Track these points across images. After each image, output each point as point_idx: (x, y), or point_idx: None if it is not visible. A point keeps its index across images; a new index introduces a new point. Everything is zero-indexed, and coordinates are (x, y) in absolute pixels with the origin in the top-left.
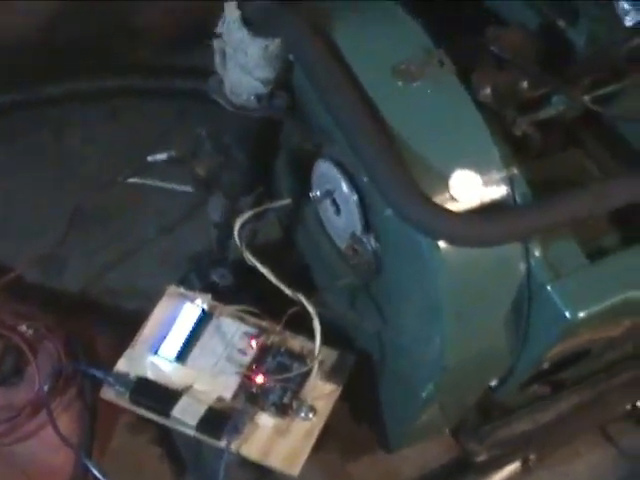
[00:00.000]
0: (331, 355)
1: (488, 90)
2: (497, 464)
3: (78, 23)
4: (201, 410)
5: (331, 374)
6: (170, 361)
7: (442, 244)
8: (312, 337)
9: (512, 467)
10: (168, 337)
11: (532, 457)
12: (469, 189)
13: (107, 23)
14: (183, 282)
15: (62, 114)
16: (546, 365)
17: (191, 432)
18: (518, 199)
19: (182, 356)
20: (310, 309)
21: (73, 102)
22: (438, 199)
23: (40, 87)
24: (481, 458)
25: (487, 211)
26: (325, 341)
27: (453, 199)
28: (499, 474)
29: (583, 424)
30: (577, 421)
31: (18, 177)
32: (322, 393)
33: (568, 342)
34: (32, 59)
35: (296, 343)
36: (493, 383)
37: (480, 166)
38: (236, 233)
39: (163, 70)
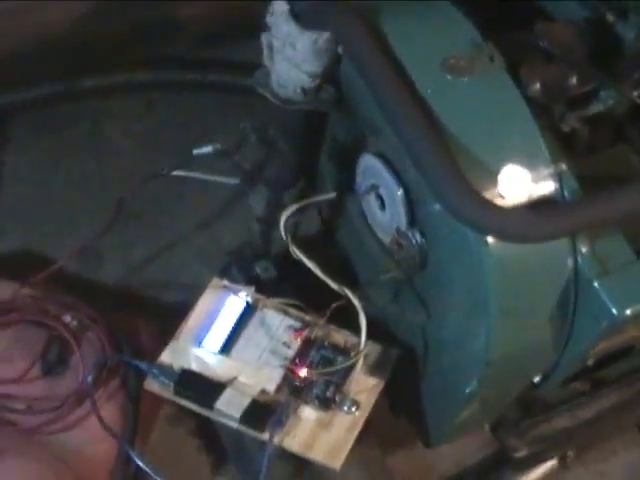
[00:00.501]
0: (375, 349)
1: (537, 85)
2: (535, 460)
3: (118, 16)
4: (245, 402)
5: (374, 368)
6: (214, 353)
7: (491, 239)
8: (355, 331)
9: (549, 464)
10: (212, 329)
11: (570, 454)
12: (517, 185)
13: (148, 16)
14: (223, 275)
15: (101, 107)
16: (590, 362)
17: (234, 424)
18: (567, 195)
19: (226, 348)
20: (356, 303)
21: (112, 95)
22: (487, 195)
23: (79, 80)
24: (520, 454)
25: (536, 207)
26: (368, 335)
27: (501, 195)
28: (537, 470)
29: (623, 422)
30: (617, 419)
31: (57, 169)
32: (365, 387)
33: (614, 339)
34: (70, 53)
35: (340, 337)
36: (536, 379)
37: (529, 162)
38: (282, 226)
39: (204, 63)
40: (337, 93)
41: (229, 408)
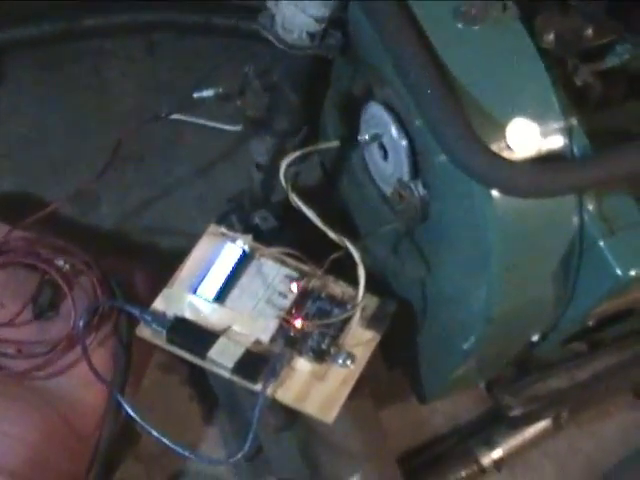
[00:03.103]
0: (372, 302)
1: (551, 36)
2: (530, 419)
3: None
4: (238, 352)
5: (371, 321)
6: (209, 301)
7: (495, 193)
8: (353, 283)
9: (543, 423)
10: (207, 277)
11: (564, 414)
12: (526, 138)
13: None
14: (222, 222)
15: (101, 47)
16: (591, 322)
17: (227, 374)
18: (576, 151)
19: (221, 297)
20: (355, 254)
21: (113, 35)
22: (494, 147)
23: (80, 18)
24: (515, 412)
25: (544, 161)
26: (366, 288)
27: (509, 148)
28: (531, 429)
29: (619, 384)
30: (612, 381)
31: (55, 110)
32: (361, 340)
33: (617, 300)
34: None
35: (337, 288)
36: (535, 338)
37: (538, 115)
38: (282, 174)
39: (207, 5)
40: (344, 39)
41: (222, 357)
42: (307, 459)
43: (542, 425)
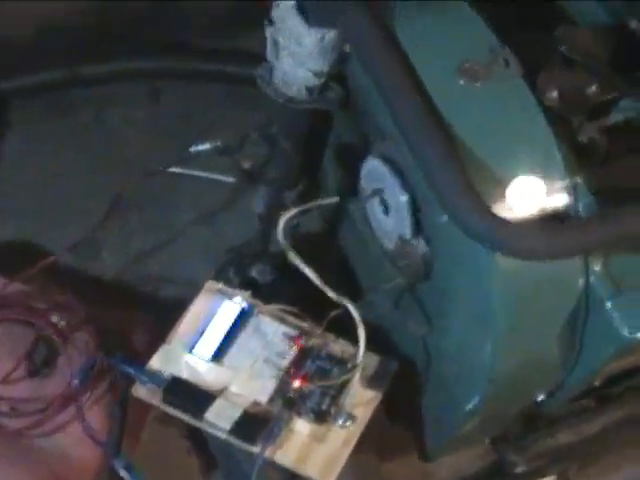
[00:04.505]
0: (373, 360)
1: (555, 93)
2: (535, 476)
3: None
4: (236, 414)
5: (372, 381)
6: (206, 361)
7: (499, 254)
8: (354, 340)
9: (550, 479)
10: (204, 335)
11: (572, 469)
12: (529, 197)
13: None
14: (219, 275)
15: (104, 94)
16: (597, 382)
17: (224, 436)
18: (581, 210)
19: (218, 356)
20: (355, 315)
21: (114, 83)
22: (497, 207)
23: (82, 66)
24: (520, 470)
25: (549, 222)
26: (367, 345)
27: (512, 207)
28: None
29: (628, 437)
30: (622, 434)
31: (56, 158)
32: (362, 400)
33: (624, 360)
34: (73, 39)
35: (337, 346)
36: (540, 397)
37: (542, 173)
38: (280, 230)
39: (209, 53)
40: (343, 93)
41: (219, 419)
42: None
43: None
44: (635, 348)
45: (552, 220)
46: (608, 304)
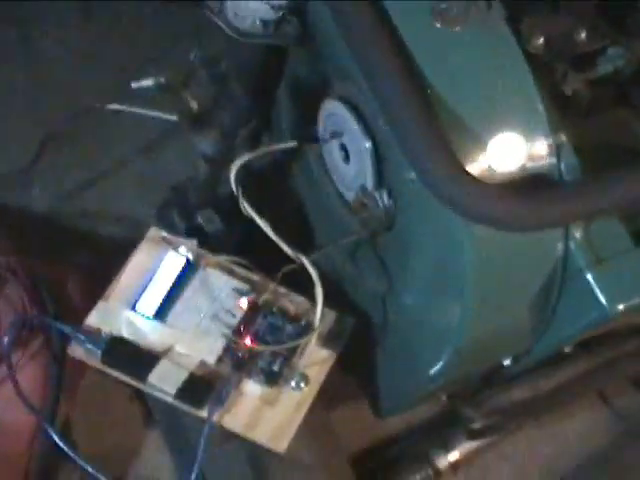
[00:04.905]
0: (329, 317)
1: (540, 40)
2: (492, 431)
3: None
4: (181, 376)
5: (327, 339)
6: (148, 318)
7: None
8: (309, 294)
9: None
10: (147, 290)
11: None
12: (511, 157)
13: None
14: (162, 216)
15: (33, 12)
16: (568, 349)
17: (169, 399)
18: (564, 171)
19: (162, 313)
20: (312, 273)
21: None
22: (474, 167)
23: None
24: (476, 425)
25: (530, 185)
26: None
27: (491, 168)
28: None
29: (585, 390)
30: (579, 388)
31: None
32: (316, 360)
33: (600, 329)
34: None
35: (290, 301)
36: (506, 363)
37: (525, 130)
38: (232, 177)
39: None
40: (302, 27)
41: (163, 382)
42: (256, 471)
43: None
44: (614, 320)
45: (533, 188)
46: (587, 273)
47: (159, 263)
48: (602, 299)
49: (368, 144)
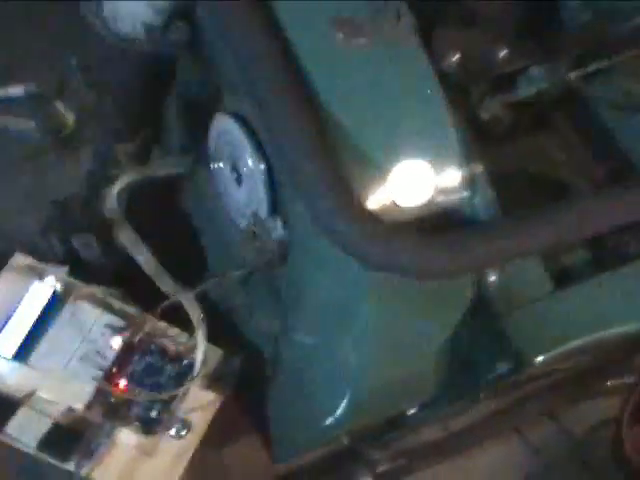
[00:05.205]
0: (213, 357)
1: (456, 57)
2: (399, 474)
3: None
4: (44, 425)
5: (212, 380)
6: (7, 359)
7: None
8: (192, 328)
9: None
10: (7, 326)
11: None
12: (418, 191)
13: None
14: (44, 235)
15: None
16: (481, 396)
17: (30, 451)
18: (479, 205)
19: (23, 353)
20: (193, 315)
21: None
22: (375, 202)
23: None
24: (382, 468)
25: (440, 223)
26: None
27: (395, 203)
28: None
29: (498, 429)
30: (491, 427)
31: None
32: (200, 403)
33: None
34: None
35: (171, 338)
36: (410, 412)
37: (435, 161)
38: (111, 200)
39: None
40: (190, 34)
41: (23, 433)
42: None
43: None
44: (530, 370)
45: (442, 226)
46: (504, 322)
47: (22, 295)
48: (519, 350)
49: (262, 166)
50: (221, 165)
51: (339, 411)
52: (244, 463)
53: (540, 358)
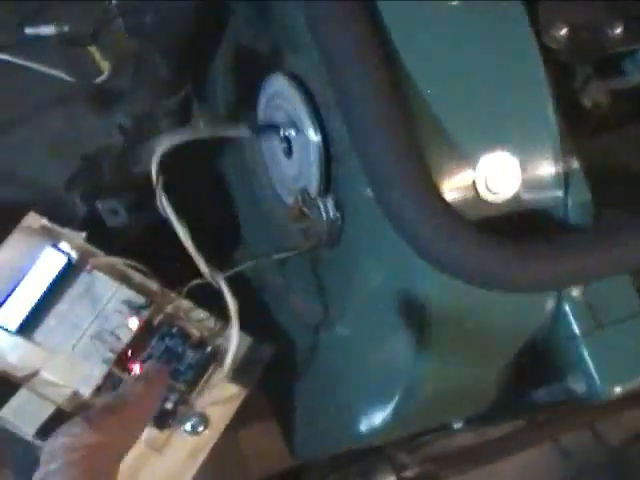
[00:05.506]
0: (241, 345)
1: (563, 31)
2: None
3: None
4: (46, 411)
5: (237, 372)
6: (9, 332)
7: None
8: (218, 310)
9: None
10: (12, 296)
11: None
12: (506, 185)
13: None
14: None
15: None
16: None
17: (28, 438)
18: (571, 211)
19: (28, 327)
20: (229, 302)
21: None
22: (458, 196)
23: None
24: (409, 473)
25: (524, 223)
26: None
27: (479, 197)
28: None
29: (537, 438)
30: (531, 436)
31: None
32: (221, 397)
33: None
34: None
35: (195, 321)
36: (456, 426)
37: (526, 151)
38: (154, 167)
39: None
40: None
41: (21, 418)
42: None
43: None
44: (605, 399)
45: (527, 229)
46: (582, 344)
47: (33, 261)
48: (597, 378)
49: (317, 138)
50: (269, 134)
51: (379, 418)
52: (259, 453)
53: (619, 388)
